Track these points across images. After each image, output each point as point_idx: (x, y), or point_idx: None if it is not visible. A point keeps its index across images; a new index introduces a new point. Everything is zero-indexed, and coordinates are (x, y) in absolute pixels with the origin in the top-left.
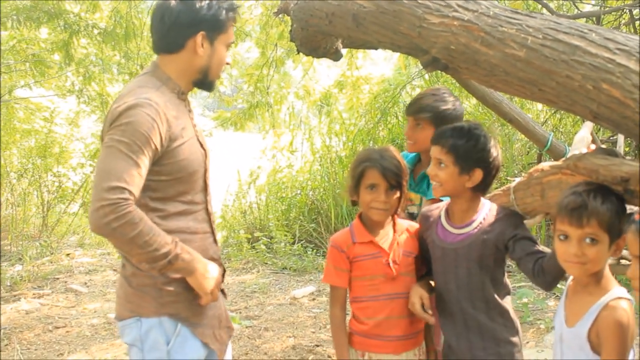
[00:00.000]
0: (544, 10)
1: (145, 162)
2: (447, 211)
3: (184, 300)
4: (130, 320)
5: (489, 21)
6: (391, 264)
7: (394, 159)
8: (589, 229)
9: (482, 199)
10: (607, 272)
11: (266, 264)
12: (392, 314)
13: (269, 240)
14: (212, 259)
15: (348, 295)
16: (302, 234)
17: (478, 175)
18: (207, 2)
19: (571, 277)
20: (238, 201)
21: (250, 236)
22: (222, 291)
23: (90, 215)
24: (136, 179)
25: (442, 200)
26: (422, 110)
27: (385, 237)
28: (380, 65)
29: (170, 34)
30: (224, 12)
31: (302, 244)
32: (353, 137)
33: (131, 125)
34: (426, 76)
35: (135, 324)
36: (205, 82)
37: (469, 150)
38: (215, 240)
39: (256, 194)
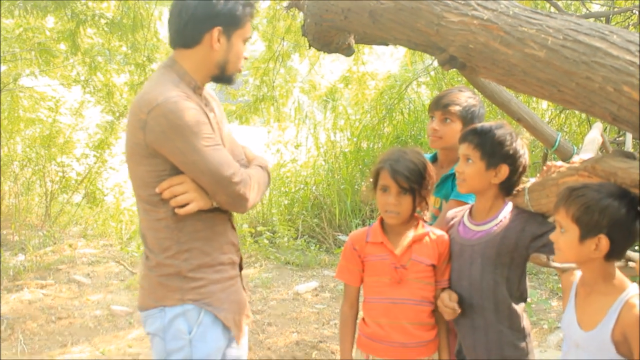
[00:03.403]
0: (552, 10)
1: (217, 138)
2: (470, 210)
3: (208, 285)
4: (154, 310)
5: (508, 20)
6: (397, 268)
7: (410, 162)
8: (558, 216)
9: (505, 199)
10: (618, 272)
11: (269, 258)
12: (395, 319)
13: (272, 234)
14: (232, 244)
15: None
16: (305, 229)
17: (504, 171)
18: None
19: (577, 280)
20: None
21: (253, 230)
22: (242, 281)
23: (235, 206)
24: (228, 153)
25: (467, 204)
26: (452, 104)
27: (401, 241)
28: (386, 62)
29: (187, 28)
30: (240, 7)
31: (305, 239)
32: (358, 132)
33: (185, 124)
34: (432, 73)
35: (159, 313)
36: (223, 76)
37: (496, 145)
38: (233, 227)
39: None
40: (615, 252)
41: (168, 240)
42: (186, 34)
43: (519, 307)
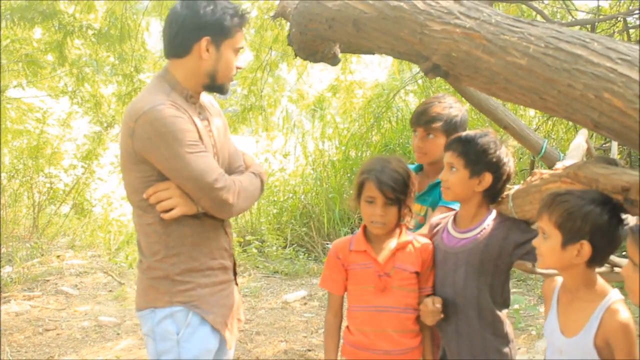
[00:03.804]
0: (539, 17)
1: (202, 145)
2: (454, 217)
3: (196, 288)
4: (146, 312)
5: (490, 29)
6: (381, 276)
7: (394, 172)
8: (541, 223)
9: (490, 207)
10: (599, 277)
11: (258, 267)
12: (380, 327)
13: (260, 243)
14: (223, 249)
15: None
16: (293, 238)
17: (488, 179)
18: (211, 7)
19: (559, 286)
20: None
21: (242, 239)
22: (236, 284)
23: (219, 211)
24: (213, 159)
25: (452, 210)
26: (434, 120)
27: (384, 249)
28: (373, 70)
29: (177, 39)
30: (228, 17)
31: (294, 248)
32: (346, 141)
33: (169, 131)
34: (419, 81)
35: (150, 314)
36: (214, 85)
37: (479, 153)
38: (226, 232)
39: None
40: (597, 259)
41: (157, 244)
42: (176, 44)
43: (502, 314)
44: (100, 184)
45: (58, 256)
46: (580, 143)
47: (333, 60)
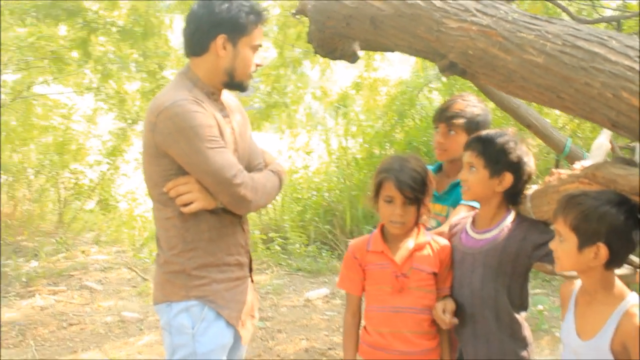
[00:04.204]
0: (564, 15)
1: (222, 141)
2: (473, 218)
3: (211, 284)
4: (163, 305)
5: (507, 26)
6: (398, 277)
7: (413, 171)
8: (556, 225)
9: (510, 208)
10: (617, 280)
11: (280, 265)
12: (397, 327)
13: (283, 241)
14: (240, 246)
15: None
16: (317, 236)
17: (508, 179)
18: (226, 5)
19: (578, 288)
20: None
21: (265, 237)
22: (252, 281)
23: (237, 207)
24: (233, 155)
25: (473, 209)
26: (456, 116)
27: (401, 249)
28: (397, 67)
29: (195, 37)
30: (244, 14)
31: (317, 246)
32: (370, 139)
33: (190, 126)
34: (443, 79)
35: (167, 308)
36: (232, 83)
37: (499, 153)
38: (244, 229)
39: None
40: (615, 261)
41: (175, 238)
42: (194, 42)
43: (520, 316)
44: (125, 180)
45: (83, 251)
46: (602, 142)
47: (352, 58)
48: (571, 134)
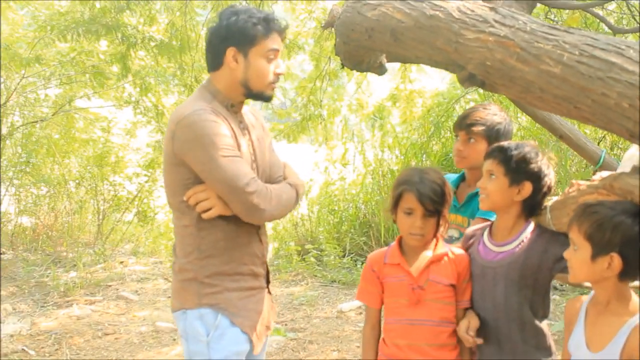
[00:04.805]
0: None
1: (236, 151)
2: (490, 228)
3: (223, 292)
4: (179, 313)
5: (525, 37)
6: (415, 289)
7: (433, 183)
8: (571, 234)
9: (528, 219)
10: (633, 294)
11: (315, 276)
12: (413, 340)
13: (319, 252)
14: (255, 256)
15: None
16: (352, 247)
17: (527, 188)
18: (234, 18)
19: (587, 301)
20: (289, 213)
21: (300, 248)
22: (269, 292)
23: (250, 216)
24: (247, 165)
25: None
26: (475, 124)
27: (418, 261)
28: (434, 79)
29: (209, 53)
30: (250, 25)
31: (352, 257)
32: (406, 150)
33: (205, 134)
34: (480, 90)
35: (182, 315)
36: (251, 94)
37: (521, 162)
38: (261, 240)
39: (308, 206)
40: (629, 272)
41: (190, 246)
42: (210, 58)
43: (544, 325)
44: (162, 192)
45: (121, 262)
46: (634, 153)
47: (379, 70)
48: (611, 145)
